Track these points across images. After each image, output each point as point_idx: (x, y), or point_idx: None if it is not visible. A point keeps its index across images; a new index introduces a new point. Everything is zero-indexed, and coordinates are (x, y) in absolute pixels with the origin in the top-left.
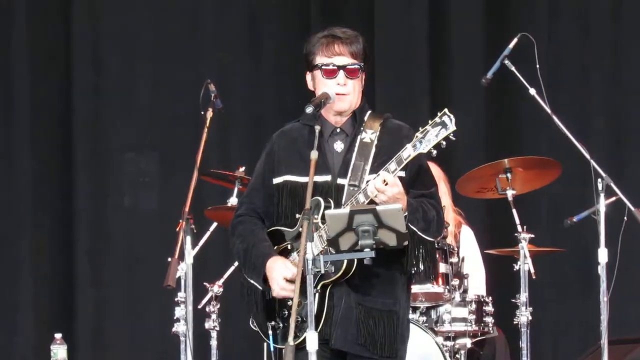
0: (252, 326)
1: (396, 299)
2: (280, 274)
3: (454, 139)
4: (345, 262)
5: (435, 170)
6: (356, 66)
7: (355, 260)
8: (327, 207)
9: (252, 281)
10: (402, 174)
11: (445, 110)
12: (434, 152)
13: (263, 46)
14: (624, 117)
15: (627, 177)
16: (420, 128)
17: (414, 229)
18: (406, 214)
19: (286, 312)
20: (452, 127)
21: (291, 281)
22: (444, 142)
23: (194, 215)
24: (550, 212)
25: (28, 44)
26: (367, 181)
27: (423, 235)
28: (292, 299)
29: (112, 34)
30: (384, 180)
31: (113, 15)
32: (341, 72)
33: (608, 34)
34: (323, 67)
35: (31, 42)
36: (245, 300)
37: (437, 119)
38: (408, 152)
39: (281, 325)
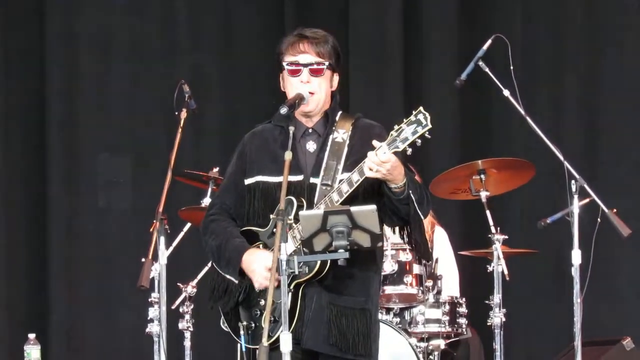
0: (222, 326)
1: (368, 296)
2: (262, 264)
3: (429, 137)
4: (319, 262)
5: None
6: (321, 64)
7: (329, 261)
8: (299, 207)
9: (227, 276)
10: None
11: (421, 108)
12: (409, 150)
13: (237, 47)
14: (598, 119)
15: (601, 178)
16: (395, 126)
17: (412, 197)
18: (405, 181)
19: (258, 312)
20: (427, 125)
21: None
22: (419, 140)
23: (168, 216)
24: (524, 214)
25: (1, 44)
26: (340, 180)
27: (417, 207)
28: (264, 299)
29: (86, 35)
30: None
31: (87, 16)
32: (305, 70)
33: (582, 35)
34: (288, 65)
35: (5, 43)
36: (216, 297)
37: (412, 117)
38: (383, 150)
39: (253, 325)
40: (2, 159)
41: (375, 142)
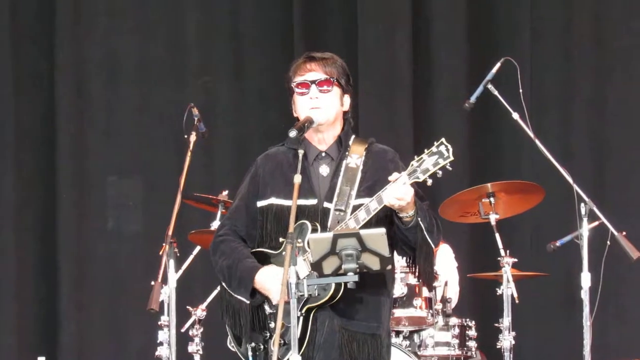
0: (229, 346)
1: (380, 322)
2: (276, 280)
3: (450, 168)
4: (333, 287)
5: None
6: (329, 80)
7: (342, 285)
8: (314, 231)
9: (238, 296)
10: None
11: (443, 139)
12: (430, 181)
13: (247, 70)
14: (607, 141)
15: (610, 201)
16: (416, 157)
17: (422, 225)
18: (413, 212)
19: (268, 334)
20: (449, 156)
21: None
22: (440, 172)
23: (177, 239)
24: (533, 237)
25: (12, 67)
26: (356, 207)
27: (426, 235)
28: (274, 321)
29: (95, 58)
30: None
31: (97, 39)
32: (313, 86)
33: (591, 58)
34: (296, 85)
35: (15, 66)
36: (228, 319)
37: (433, 148)
38: (403, 180)
39: (262, 347)
40: (12, 182)
41: (395, 174)
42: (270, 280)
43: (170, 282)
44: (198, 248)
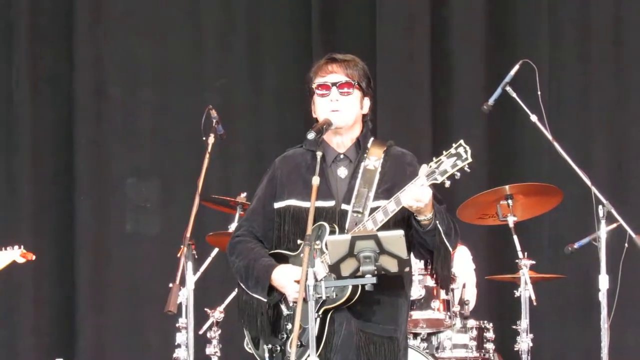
0: (246, 348)
1: (397, 325)
2: (291, 278)
3: (468, 170)
4: (350, 289)
5: None
6: (350, 83)
7: (360, 287)
8: (332, 233)
9: (255, 295)
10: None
11: (461, 141)
12: (448, 183)
13: (265, 72)
14: (625, 144)
15: (628, 203)
16: (434, 158)
17: (440, 228)
18: (431, 214)
19: (285, 336)
20: (467, 158)
21: None
22: (458, 174)
23: (195, 241)
24: (551, 239)
25: (30, 69)
26: (374, 209)
27: (444, 238)
28: (292, 323)
29: (114, 60)
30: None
31: (115, 41)
32: (334, 88)
33: (609, 60)
34: (317, 86)
35: (33, 67)
36: (245, 321)
37: (452, 150)
38: (421, 182)
39: (278, 348)
40: (31, 184)
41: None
42: (285, 277)
43: (188, 284)
44: (216, 250)
